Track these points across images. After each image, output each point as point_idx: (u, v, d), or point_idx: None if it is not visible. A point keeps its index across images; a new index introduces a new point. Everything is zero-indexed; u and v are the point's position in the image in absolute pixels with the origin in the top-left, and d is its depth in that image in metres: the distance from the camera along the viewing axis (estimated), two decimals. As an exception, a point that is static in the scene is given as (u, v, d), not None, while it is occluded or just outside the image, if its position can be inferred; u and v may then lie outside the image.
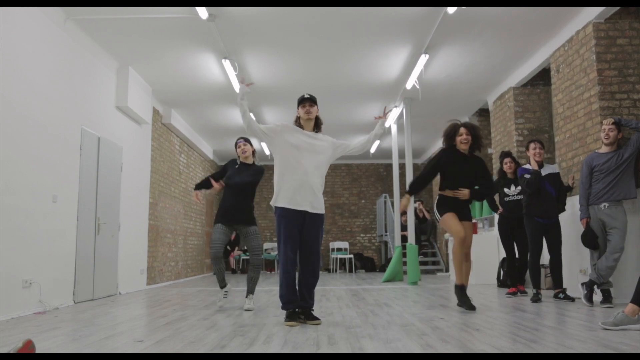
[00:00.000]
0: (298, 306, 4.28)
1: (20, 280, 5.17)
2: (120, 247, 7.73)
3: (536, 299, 5.65)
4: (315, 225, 4.26)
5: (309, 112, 4.30)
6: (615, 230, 5.07)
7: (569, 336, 3.46)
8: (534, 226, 5.85)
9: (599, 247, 5.24)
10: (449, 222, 4.96)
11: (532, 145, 6.01)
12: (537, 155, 5.92)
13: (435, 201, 5.15)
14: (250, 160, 5.46)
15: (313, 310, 4.37)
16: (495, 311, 4.92)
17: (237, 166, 5.44)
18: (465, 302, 4.87)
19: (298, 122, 4.36)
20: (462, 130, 5.00)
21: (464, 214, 5.05)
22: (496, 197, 7.02)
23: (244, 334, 3.73)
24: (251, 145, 5.48)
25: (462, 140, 4.99)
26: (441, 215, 5.02)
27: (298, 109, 4.35)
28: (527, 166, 6.02)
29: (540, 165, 5.94)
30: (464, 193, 4.94)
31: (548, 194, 5.84)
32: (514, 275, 6.62)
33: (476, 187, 5.08)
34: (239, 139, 5.51)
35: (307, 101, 4.30)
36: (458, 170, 4.99)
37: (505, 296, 6.44)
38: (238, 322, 4.34)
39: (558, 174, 5.99)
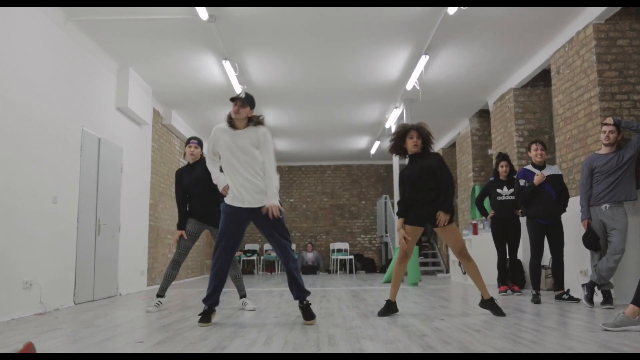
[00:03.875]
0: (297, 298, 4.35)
1: (21, 281, 5.17)
2: (121, 248, 7.73)
3: (536, 300, 5.64)
4: (268, 218, 4.23)
5: (237, 112, 4.24)
6: (616, 231, 5.07)
7: (570, 337, 3.45)
8: (535, 227, 5.81)
9: (600, 249, 5.23)
10: (399, 232, 4.78)
11: (533, 147, 5.98)
12: (538, 156, 5.91)
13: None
14: (196, 159, 5.41)
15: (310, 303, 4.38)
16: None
17: (185, 168, 5.44)
18: (384, 314, 4.68)
19: (230, 118, 4.32)
20: (413, 133, 4.75)
21: (430, 217, 4.72)
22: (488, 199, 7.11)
23: (244, 334, 3.73)
24: (202, 149, 5.45)
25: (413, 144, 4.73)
26: (399, 216, 4.84)
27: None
28: (529, 167, 5.99)
29: (542, 166, 5.93)
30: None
31: (547, 195, 5.79)
32: (505, 274, 6.83)
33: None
34: (191, 139, 5.44)
35: (239, 100, 4.23)
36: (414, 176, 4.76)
37: (499, 295, 6.62)
38: (238, 323, 4.34)
39: (560, 175, 5.95)
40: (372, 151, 13.80)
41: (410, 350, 3.06)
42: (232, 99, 4.25)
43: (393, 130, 4.97)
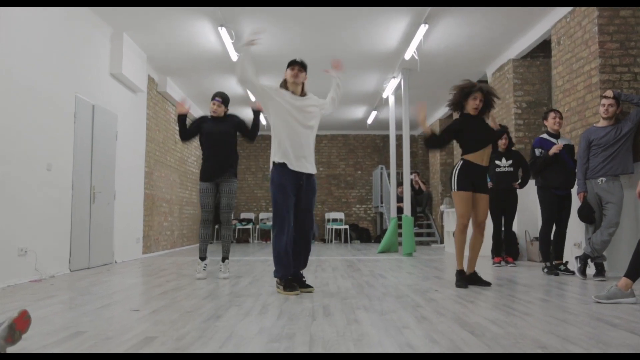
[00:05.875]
0: (294, 274, 4.39)
1: (16, 248, 5.17)
2: (116, 215, 7.72)
3: (555, 272, 5.57)
4: (312, 187, 4.36)
5: (296, 76, 4.22)
6: (612, 205, 5.08)
7: (563, 309, 3.49)
8: (551, 198, 5.71)
9: (595, 222, 5.25)
10: (459, 202, 4.68)
11: (551, 115, 5.83)
12: (557, 124, 5.80)
13: (458, 168, 4.74)
14: (221, 115, 5.47)
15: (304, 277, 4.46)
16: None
17: (210, 119, 5.46)
18: (462, 285, 4.64)
19: (284, 84, 4.29)
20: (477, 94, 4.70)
21: (482, 186, 4.75)
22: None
23: (239, 304, 3.75)
24: (226, 106, 5.47)
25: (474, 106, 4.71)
26: (457, 189, 4.70)
27: (287, 70, 4.27)
28: (545, 136, 5.85)
29: (558, 135, 5.85)
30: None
31: (565, 165, 5.69)
32: (500, 245, 6.89)
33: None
34: (216, 95, 5.45)
35: (297, 65, 4.22)
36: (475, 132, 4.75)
37: (493, 266, 6.71)
38: (234, 292, 4.36)
39: (573, 145, 5.87)
40: (369, 121, 13.72)
41: (405, 321, 3.08)
42: (291, 63, 4.20)
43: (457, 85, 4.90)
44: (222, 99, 5.45)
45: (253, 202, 15.73)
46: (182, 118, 5.45)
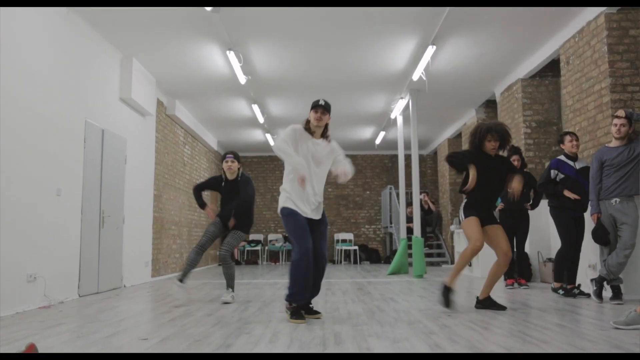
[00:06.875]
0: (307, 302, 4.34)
1: (25, 274, 5.14)
2: (125, 239, 7.70)
3: (572, 294, 5.53)
4: (321, 229, 4.35)
5: (319, 119, 4.26)
6: (626, 226, 4.98)
7: (580, 336, 3.39)
8: (567, 219, 5.64)
9: (609, 243, 5.15)
10: (471, 227, 4.65)
11: (567, 137, 5.78)
12: (574, 147, 5.74)
13: (463, 203, 4.80)
14: (234, 176, 5.60)
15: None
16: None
17: (223, 183, 5.61)
18: (448, 303, 4.65)
19: (308, 124, 4.32)
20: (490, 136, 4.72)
21: (489, 218, 4.75)
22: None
23: (249, 331, 3.68)
24: (238, 162, 5.60)
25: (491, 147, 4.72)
26: (466, 217, 4.72)
27: (310, 112, 4.31)
28: (562, 158, 5.79)
29: (575, 158, 5.79)
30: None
31: (581, 187, 5.63)
32: (512, 267, 6.73)
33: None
34: (227, 154, 5.59)
35: (320, 108, 4.27)
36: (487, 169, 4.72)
37: (506, 288, 6.58)
38: (243, 319, 4.30)
39: (589, 167, 5.82)
40: (377, 141, 13.71)
41: (418, 349, 3.00)
42: (314, 106, 4.26)
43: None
44: (234, 155, 5.60)
45: (262, 224, 15.69)
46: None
